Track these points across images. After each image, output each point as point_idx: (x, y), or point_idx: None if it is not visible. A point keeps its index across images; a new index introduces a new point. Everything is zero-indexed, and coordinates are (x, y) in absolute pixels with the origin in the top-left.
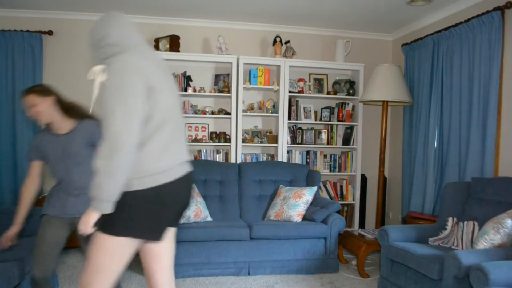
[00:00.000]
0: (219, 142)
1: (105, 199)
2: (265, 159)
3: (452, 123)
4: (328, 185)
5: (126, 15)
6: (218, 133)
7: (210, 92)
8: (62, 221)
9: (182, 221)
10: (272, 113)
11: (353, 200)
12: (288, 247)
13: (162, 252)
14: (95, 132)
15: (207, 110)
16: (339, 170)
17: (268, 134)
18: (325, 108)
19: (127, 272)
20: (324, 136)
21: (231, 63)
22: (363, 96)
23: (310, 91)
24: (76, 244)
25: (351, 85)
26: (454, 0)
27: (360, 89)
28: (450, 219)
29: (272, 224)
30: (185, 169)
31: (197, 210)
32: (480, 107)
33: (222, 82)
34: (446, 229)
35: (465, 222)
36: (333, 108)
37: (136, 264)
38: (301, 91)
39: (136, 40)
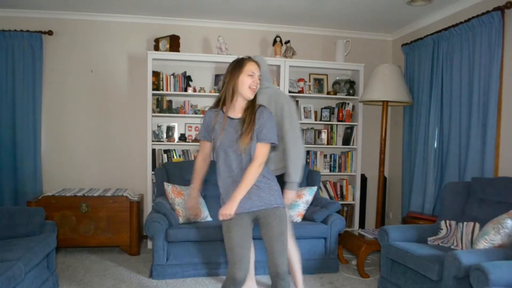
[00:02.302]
0: None
1: None
2: None
3: (452, 123)
4: (328, 185)
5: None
6: None
7: (210, 92)
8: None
9: (182, 221)
10: None
11: (353, 200)
12: None
13: None
14: None
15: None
16: (339, 170)
17: None
18: (325, 108)
19: (127, 272)
20: (324, 136)
21: None
22: (363, 96)
23: (310, 91)
24: (76, 244)
25: (351, 85)
26: (454, 0)
27: (360, 89)
28: (443, 222)
29: None
30: None
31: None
32: (480, 107)
33: (222, 82)
34: (441, 229)
35: (465, 223)
36: (333, 108)
37: (136, 264)
38: (301, 91)
39: None
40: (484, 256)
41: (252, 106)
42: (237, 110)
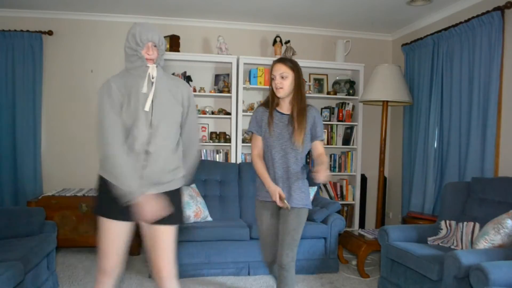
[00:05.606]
0: (219, 142)
1: None
2: None
3: (452, 123)
4: (328, 185)
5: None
6: (218, 133)
7: (210, 92)
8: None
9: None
10: None
11: (353, 200)
12: None
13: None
14: None
15: (207, 110)
16: (339, 170)
17: None
18: (325, 108)
19: (127, 272)
20: (324, 136)
21: (231, 63)
22: (363, 96)
23: (310, 91)
24: (76, 244)
25: (351, 85)
26: (454, 0)
27: (360, 89)
28: (443, 222)
29: None
30: None
31: (197, 210)
32: (480, 107)
33: (222, 82)
34: (441, 229)
35: (465, 223)
36: (333, 108)
37: (136, 264)
38: None
39: None
40: (484, 256)
41: (298, 104)
42: (284, 107)
